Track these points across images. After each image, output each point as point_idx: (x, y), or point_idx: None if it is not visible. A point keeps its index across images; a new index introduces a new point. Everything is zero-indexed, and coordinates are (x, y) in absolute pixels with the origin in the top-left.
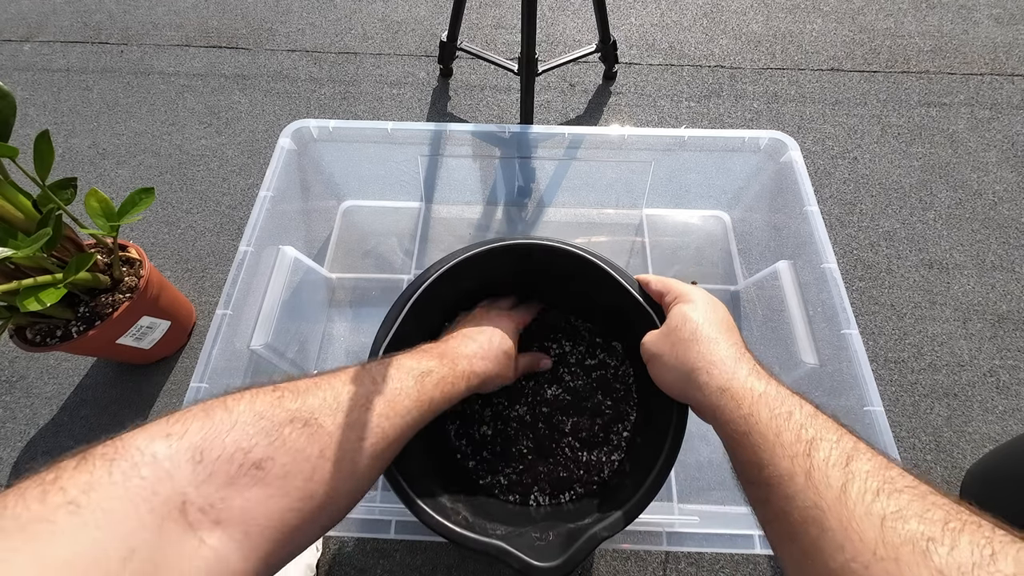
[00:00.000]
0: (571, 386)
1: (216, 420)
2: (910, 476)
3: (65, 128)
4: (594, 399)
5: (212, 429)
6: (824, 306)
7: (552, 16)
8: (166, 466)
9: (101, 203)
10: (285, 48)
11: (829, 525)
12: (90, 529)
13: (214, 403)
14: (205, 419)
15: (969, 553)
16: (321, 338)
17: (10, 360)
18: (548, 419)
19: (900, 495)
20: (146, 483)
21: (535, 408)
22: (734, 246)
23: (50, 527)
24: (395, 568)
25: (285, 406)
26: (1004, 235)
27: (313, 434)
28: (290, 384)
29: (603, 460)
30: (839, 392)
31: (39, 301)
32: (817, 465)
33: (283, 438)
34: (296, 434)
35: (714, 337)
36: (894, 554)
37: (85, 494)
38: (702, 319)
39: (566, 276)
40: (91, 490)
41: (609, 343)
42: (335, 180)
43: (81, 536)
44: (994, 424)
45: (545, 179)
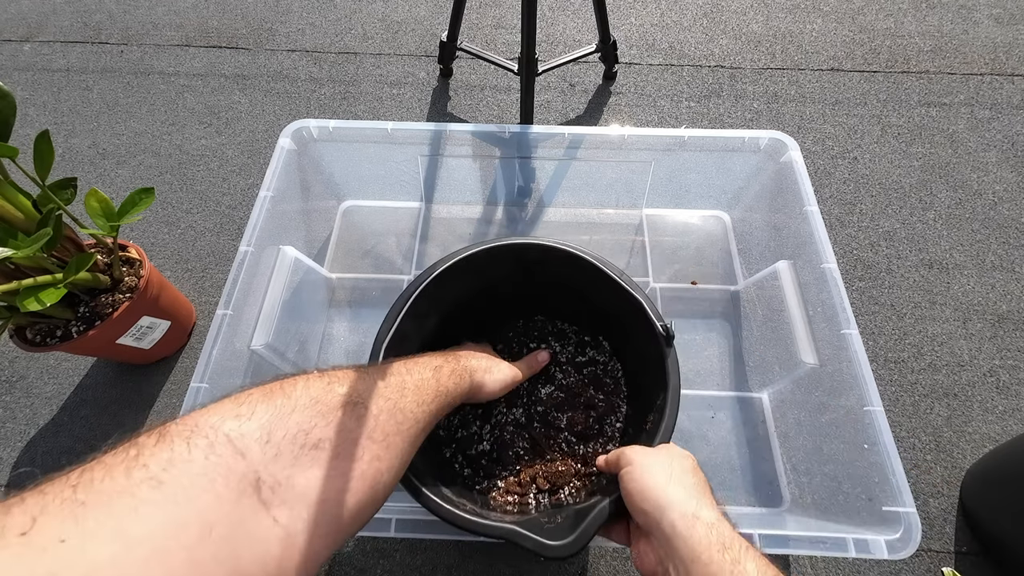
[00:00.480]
0: (563, 383)
1: (278, 403)
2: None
3: (65, 128)
4: (586, 394)
5: (276, 411)
6: (824, 306)
7: (552, 16)
8: (239, 445)
9: (101, 203)
10: (285, 48)
11: None
12: (170, 504)
13: (272, 387)
14: (268, 402)
15: None
16: (321, 338)
17: (10, 360)
18: (543, 417)
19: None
20: (222, 460)
21: (530, 408)
22: (734, 246)
23: (133, 501)
24: (395, 568)
25: (336, 391)
26: (1004, 235)
27: (361, 417)
28: (336, 372)
29: (599, 451)
30: (839, 392)
31: (39, 301)
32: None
33: (337, 420)
34: (347, 417)
35: (703, 483)
36: None
37: (166, 470)
38: (693, 466)
39: (561, 274)
40: (171, 466)
41: (597, 340)
42: (335, 180)
43: (162, 511)
44: (994, 424)
45: (545, 179)
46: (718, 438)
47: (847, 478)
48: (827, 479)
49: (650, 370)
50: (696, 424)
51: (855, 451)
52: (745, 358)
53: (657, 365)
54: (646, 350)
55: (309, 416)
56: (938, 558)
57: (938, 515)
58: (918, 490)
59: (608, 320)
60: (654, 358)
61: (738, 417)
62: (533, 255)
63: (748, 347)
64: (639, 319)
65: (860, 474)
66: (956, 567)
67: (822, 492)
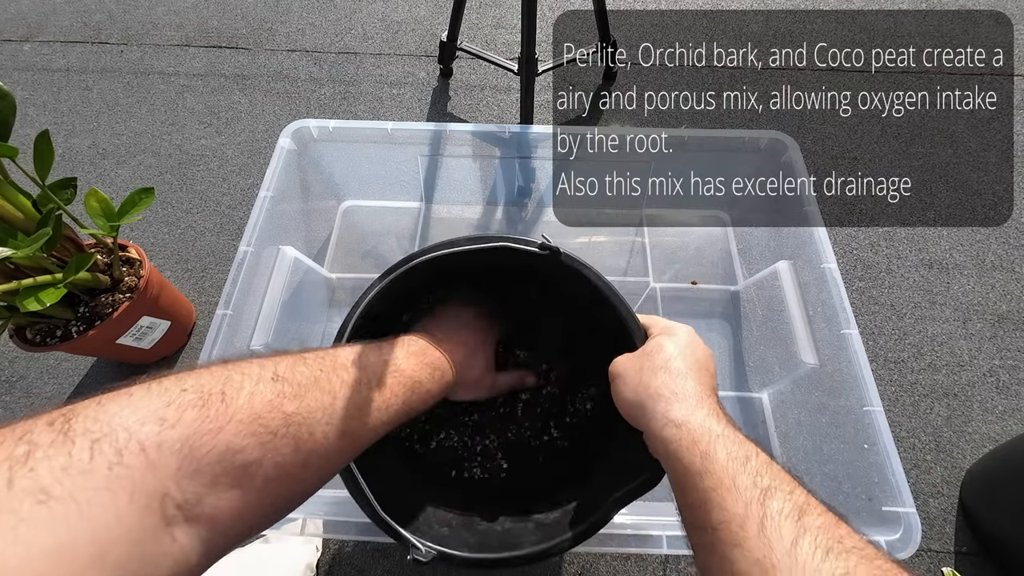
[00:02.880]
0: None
1: (212, 413)
2: (857, 536)
3: (65, 128)
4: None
5: (206, 422)
6: (824, 306)
7: (552, 16)
8: (152, 456)
9: (101, 203)
10: (285, 48)
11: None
12: (59, 525)
13: (212, 387)
14: (201, 409)
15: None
16: (321, 338)
17: (10, 360)
18: (517, 420)
19: (848, 556)
20: (129, 473)
21: (506, 420)
22: (734, 246)
23: (11, 520)
24: (395, 568)
25: (283, 409)
26: (1004, 235)
27: (302, 444)
28: (290, 373)
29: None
30: (839, 392)
31: (39, 301)
32: (771, 515)
33: (274, 446)
34: (286, 443)
35: (683, 372)
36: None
37: (59, 482)
38: (676, 352)
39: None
40: (66, 477)
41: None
42: (335, 180)
43: (48, 533)
44: (994, 424)
45: (545, 179)
46: None
47: (847, 478)
48: (827, 479)
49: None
50: None
51: (855, 451)
52: (745, 358)
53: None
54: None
55: (243, 435)
56: (938, 558)
57: (938, 515)
58: (918, 490)
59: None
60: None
61: (738, 417)
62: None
63: (748, 347)
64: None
65: (860, 474)
66: (956, 567)
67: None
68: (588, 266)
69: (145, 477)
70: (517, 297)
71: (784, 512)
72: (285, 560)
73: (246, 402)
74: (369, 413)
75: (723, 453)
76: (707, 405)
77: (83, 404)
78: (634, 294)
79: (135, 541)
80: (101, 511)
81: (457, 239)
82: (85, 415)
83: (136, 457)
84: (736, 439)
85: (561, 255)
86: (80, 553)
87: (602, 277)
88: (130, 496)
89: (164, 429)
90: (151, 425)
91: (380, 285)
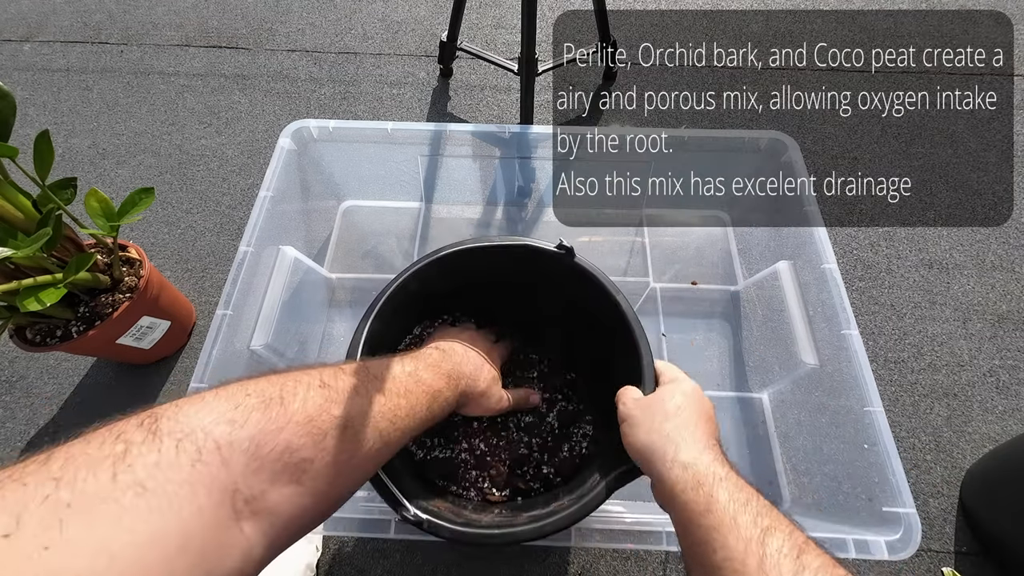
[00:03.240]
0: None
1: (273, 415)
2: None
3: (65, 128)
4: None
5: (269, 423)
6: (824, 306)
7: (552, 16)
8: (226, 454)
9: (101, 203)
10: (285, 48)
11: None
12: (154, 515)
13: (271, 393)
14: (264, 411)
15: None
16: (321, 338)
17: (10, 360)
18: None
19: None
20: (208, 470)
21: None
22: (734, 246)
23: (117, 509)
24: (395, 568)
25: (331, 412)
26: (1004, 235)
27: (347, 443)
28: (336, 382)
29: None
30: (839, 392)
31: (39, 301)
32: (770, 553)
33: (325, 445)
34: (335, 441)
35: (692, 420)
36: None
37: (152, 476)
38: (685, 402)
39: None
40: (158, 471)
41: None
42: (335, 180)
43: (145, 522)
44: (994, 424)
45: (545, 179)
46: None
47: (847, 478)
48: (827, 479)
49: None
50: None
51: (855, 451)
52: (745, 358)
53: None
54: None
55: (300, 436)
56: (938, 558)
57: (938, 515)
58: (918, 490)
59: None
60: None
61: (738, 417)
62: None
63: (748, 347)
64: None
65: (860, 474)
66: (956, 567)
67: (822, 492)
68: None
69: (220, 473)
70: (527, 308)
71: (783, 551)
72: (285, 560)
73: (300, 406)
74: (401, 418)
75: (725, 495)
76: (713, 451)
77: (163, 408)
78: (634, 294)
79: (212, 532)
80: (187, 503)
81: (477, 237)
82: (167, 416)
83: (213, 455)
84: (738, 483)
85: (576, 257)
86: (171, 541)
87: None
88: (208, 490)
89: (234, 429)
90: (223, 426)
91: (400, 279)
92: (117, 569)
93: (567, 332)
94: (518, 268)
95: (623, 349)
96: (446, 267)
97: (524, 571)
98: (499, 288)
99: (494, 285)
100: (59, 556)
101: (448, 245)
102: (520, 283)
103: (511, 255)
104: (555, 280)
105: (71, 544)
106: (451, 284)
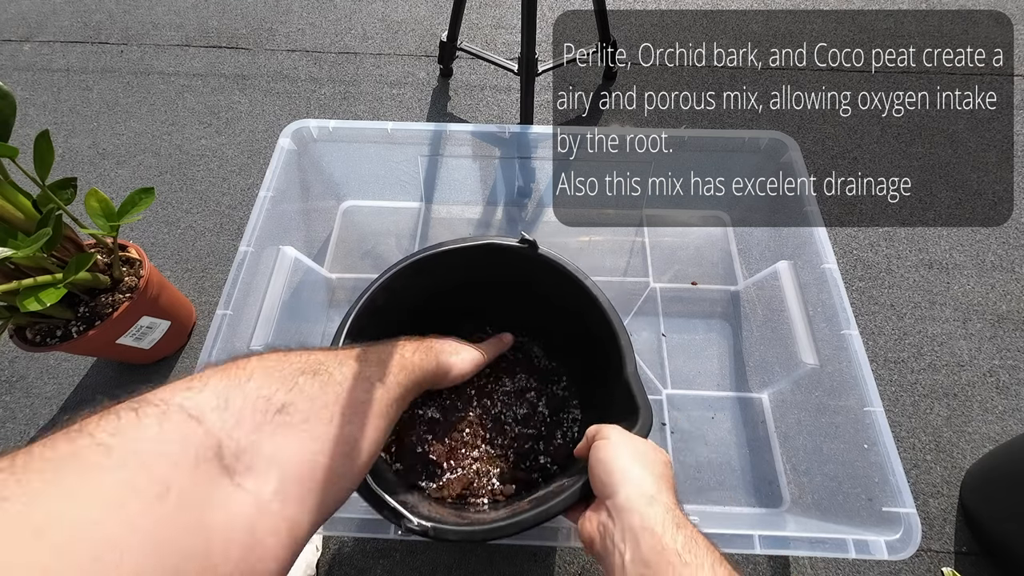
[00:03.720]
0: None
1: (232, 373)
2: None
3: (65, 128)
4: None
5: (231, 380)
6: (824, 306)
7: (552, 16)
8: (193, 412)
9: (101, 203)
10: (285, 48)
11: None
12: (122, 468)
13: (226, 363)
14: (223, 374)
15: None
16: (321, 338)
17: (10, 360)
18: (495, 417)
19: None
20: (176, 427)
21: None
22: (734, 246)
23: (80, 464)
24: (395, 568)
25: (292, 360)
26: (1004, 235)
27: (325, 383)
28: (291, 350)
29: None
30: (839, 392)
31: (39, 301)
32: None
33: (299, 386)
34: (310, 382)
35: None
36: None
37: (114, 436)
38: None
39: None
40: (120, 433)
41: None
42: (335, 180)
43: (113, 474)
44: (994, 424)
45: (545, 179)
46: (718, 439)
47: (847, 478)
48: (827, 479)
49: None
50: (696, 425)
51: (855, 451)
52: (745, 358)
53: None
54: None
55: (267, 382)
56: (938, 558)
57: (938, 515)
58: (918, 490)
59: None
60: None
61: (738, 417)
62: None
63: (748, 347)
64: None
65: (860, 474)
66: (956, 567)
67: (822, 492)
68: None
69: (192, 429)
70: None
71: None
72: None
73: (257, 363)
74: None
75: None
76: (669, 497)
77: (115, 401)
78: (634, 294)
79: (196, 484)
80: (157, 457)
81: (440, 243)
82: (120, 402)
83: (178, 414)
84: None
85: (539, 248)
86: (147, 489)
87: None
88: (182, 445)
89: (195, 393)
90: (182, 393)
91: (380, 282)
92: (90, 514)
93: (545, 322)
94: (490, 267)
95: (598, 328)
96: (409, 276)
97: (524, 571)
98: (474, 289)
99: (469, 287)
100: (18, 505)
101: (412, 253)
102: (495, 282)
103: (477, 255)
104: (526, 273)
105: (33, 494)
106: (423, 292)
